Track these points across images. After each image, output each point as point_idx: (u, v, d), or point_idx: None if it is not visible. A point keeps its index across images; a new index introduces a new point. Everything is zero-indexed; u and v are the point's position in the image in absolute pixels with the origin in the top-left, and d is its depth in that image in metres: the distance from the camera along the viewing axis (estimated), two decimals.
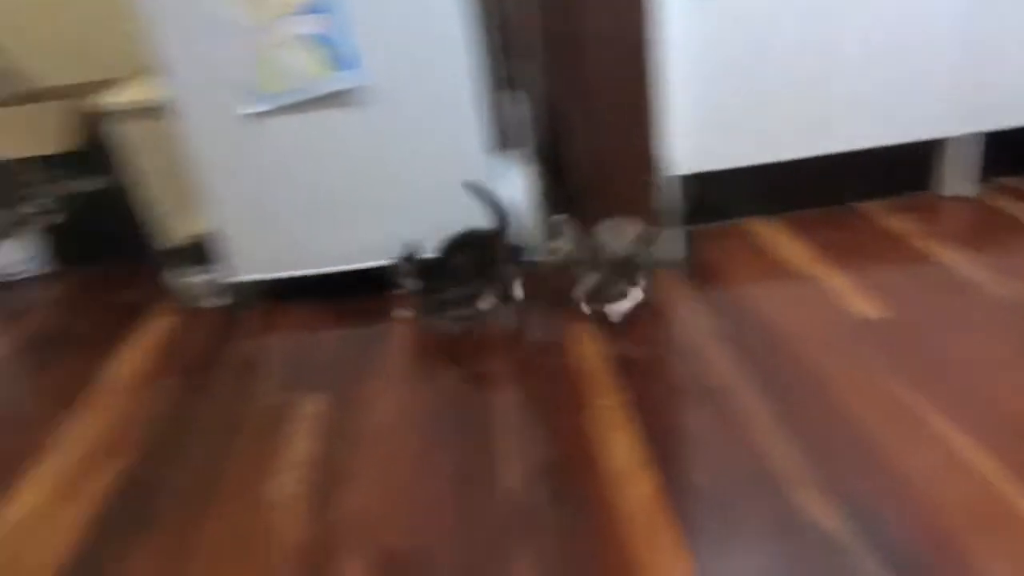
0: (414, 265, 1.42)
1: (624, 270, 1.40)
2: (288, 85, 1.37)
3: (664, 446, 1.09)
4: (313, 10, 1.32)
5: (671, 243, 1.59)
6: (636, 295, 1.41)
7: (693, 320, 1.40)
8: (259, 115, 1.41)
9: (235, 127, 1.44)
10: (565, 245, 1.43)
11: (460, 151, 1.48)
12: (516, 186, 1.59)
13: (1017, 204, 1.67)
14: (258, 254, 1.58)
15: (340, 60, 1.37)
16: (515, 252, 1.51)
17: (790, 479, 1.00)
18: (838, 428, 1.08)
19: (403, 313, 1.51)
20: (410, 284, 1.42)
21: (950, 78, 1.58)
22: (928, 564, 0.86)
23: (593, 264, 1.41)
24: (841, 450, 1.04)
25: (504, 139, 1.62)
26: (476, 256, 1.43)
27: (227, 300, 1.67)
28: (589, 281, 1.42)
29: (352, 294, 1.62)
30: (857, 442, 1.04)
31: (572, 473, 1.06)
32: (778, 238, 1.65)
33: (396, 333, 1.48)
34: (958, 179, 1.74)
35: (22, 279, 1.97)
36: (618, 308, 1.41)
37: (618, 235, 1.41)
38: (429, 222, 1.49)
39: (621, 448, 1.09)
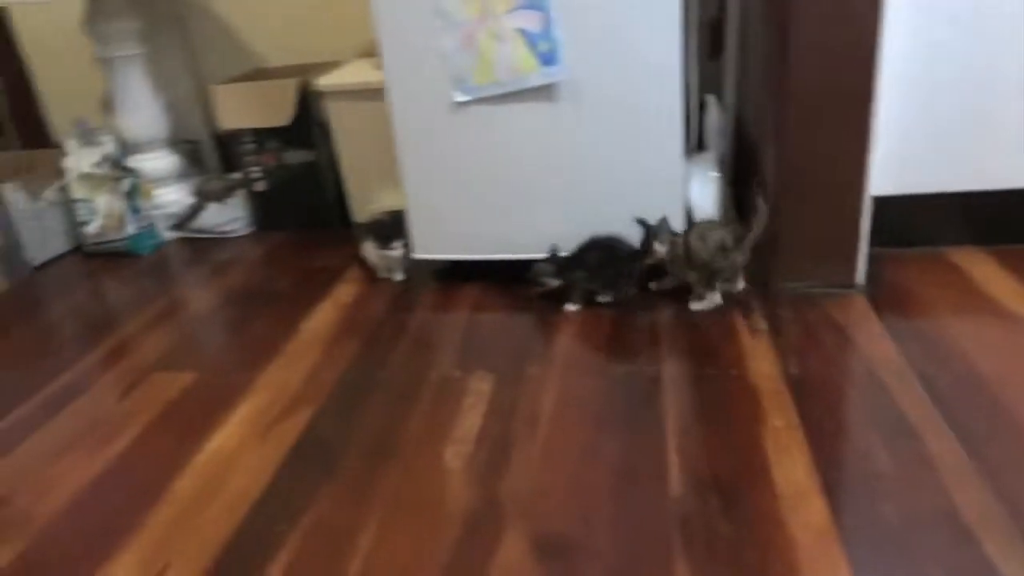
0: (555, 263, 1.54)
1: (705, 274, 1.48)
2: (498, 77, 1.44)
3: (841, 476, 1.04)
4: (529, 6, 1.37)
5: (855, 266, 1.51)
6: (714, 299, 1.50)
7: (878, 348, 1.33)
8: (465, 103, 1.49)
9: (441, 113, 1.52)
10: (660, 247, 1.48)
11: (656, 153, 1.49)
12: (703, 191, 1.57)
13: None
14: (443, 235, 1.66)
15: (547, 55, 1.41)
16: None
17: (982, 529, 0.93)
18: None
19: (572, 307, 1.54)
20: (549, 280, 1.55)
21: None
22: None
23: (686, 266, 1.49)
24: None
25: (695, 142, 1.60)
26: (608, 256, 1.53)
27: (409, 275, 1.78)
28: (670, 282, 1.55)
29: (521, 283, 1.67)
30: None
31: (742, 489, 1.04)
32: (984, 271, 1.52)
33: (563, 322, 1.52)
34: None
35: (229, 238, 2.19)
36: (695, 307, 1.51)
37: (705, 239, 1.46)
38: (612, 220, 1.51)
39: (796, 471, 1.06)
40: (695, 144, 1.61)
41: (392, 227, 1.71)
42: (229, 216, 2.21)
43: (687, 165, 1.55)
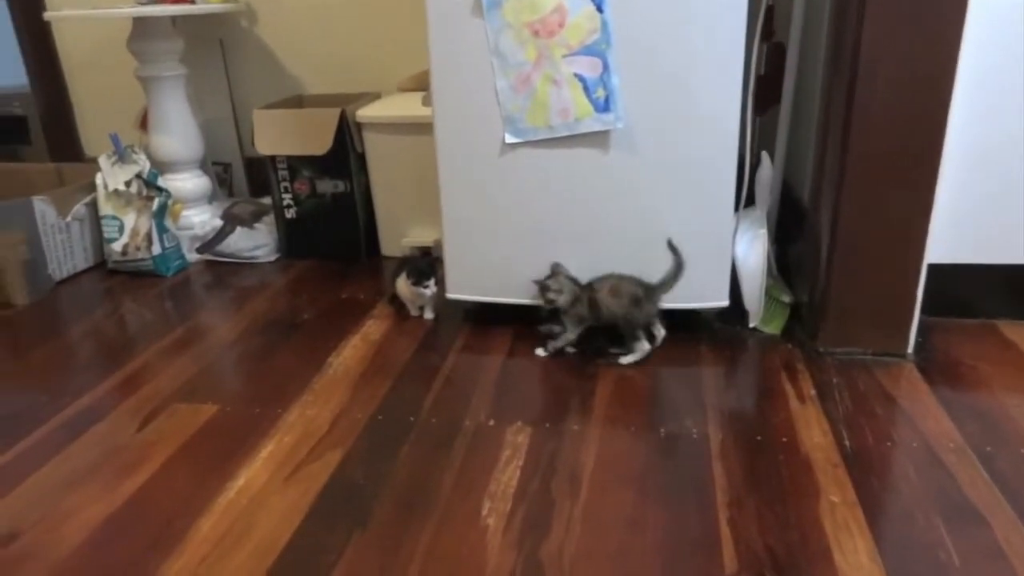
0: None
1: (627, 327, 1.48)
2: (551, 121, 1.41)
3: (905, 563, 0.98)
4: (588, 52, 1.35)
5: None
6: (643, 348, 1.49)
7: (934, 422, 1.27)
8: (514, 145, 1.46)
9: (488, 153, 1.49)
10: (559, 296, 1.50)
11: (706, 207, 1.46)
12: (750, 247, 1.53)
13: None
14: (479, 276, 1.62)
15: (602, 102, 1.39)
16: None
17: None
18: None
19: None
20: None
21: None
22: None
23: (588, 319, 1.50)
24: None
25: (745, 197, 1.57)
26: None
27: (440, 313, 1.73)
28: (563, 340, 1.54)
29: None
30: None
31: (802, 570, 0.98)
32: None
33: (602, 373, 1.46)
34: None
35: (255, 264, 2.15)
36: (626, 360, 1.50)
37: (618, 294, 1.47)
38: (653, 271, 1.47)
39: (858, 555, 1.00)
40: (744, 199, 1.58)
41: (427, 264, 1.67)
42: (256, 242, 2.17)
43: (737, 220, 1.51)
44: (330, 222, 2.11)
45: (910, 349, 1.47)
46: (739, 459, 1.20)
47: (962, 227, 1.47)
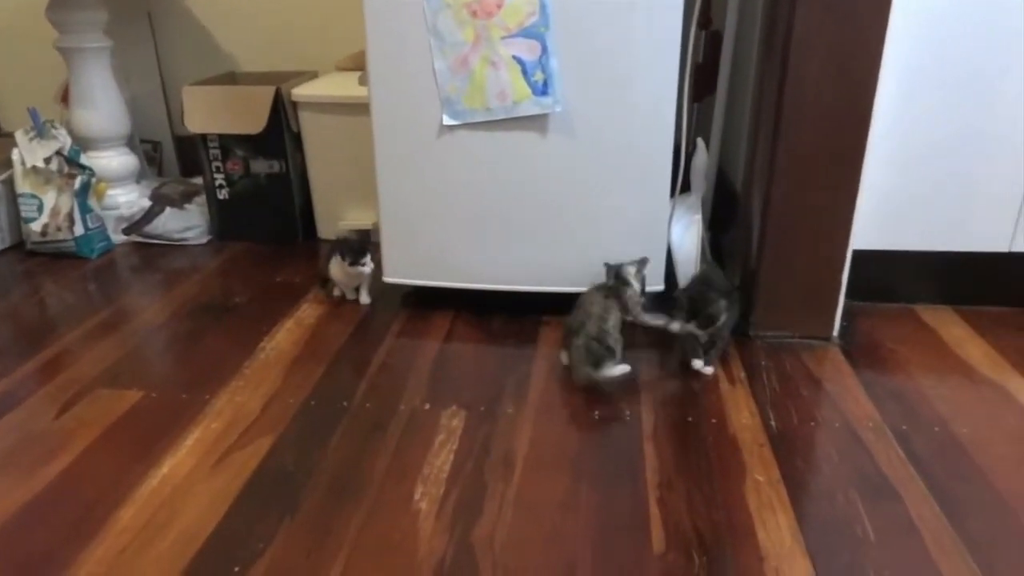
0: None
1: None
2: (489, 103, 1.40)
3: (825, 538, 1.02)
4: (526, 34, 1.34)
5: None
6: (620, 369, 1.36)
7: (855, 403, 1.32)
8: (452, 127, 1.44)
9: (426, 134, 1.47)
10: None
11: (643, 193, 1.47)
12: (685, 233, 1.55)
13: None
14: (416, 260, 1.60)
15: (541, 85, 1.38)
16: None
17: None
18: (1021, 557, 0.98)
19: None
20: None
21: None
22: None
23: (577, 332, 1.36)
24: None
25: (681, 183, 1.59)
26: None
27: (376, 297, 1.71)
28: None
29: (495, 314, 1.63)
30: None
31: (727, 548, 1.00)
32: (956, 333, 1.54)
33: (537, 359, 1.47)
34: None
35: (185, 246, 2.08)
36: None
37: (589, 311, 1.37)
38: (593, 257, 1.48)
39: (780, 531, 1.03)
40: (680, 185, 1.60)
41: (362, 243, 1.64)
42: (187, 223, 2.10)
43: (671, 206, 1.53)
44: (264, 203, 2.06)
45: (835, 333, 1.52)
46: (670, 440, 1.23)
47: (885, 215, 1.51)
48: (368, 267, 1.63)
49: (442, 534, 1.03)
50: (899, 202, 1.51)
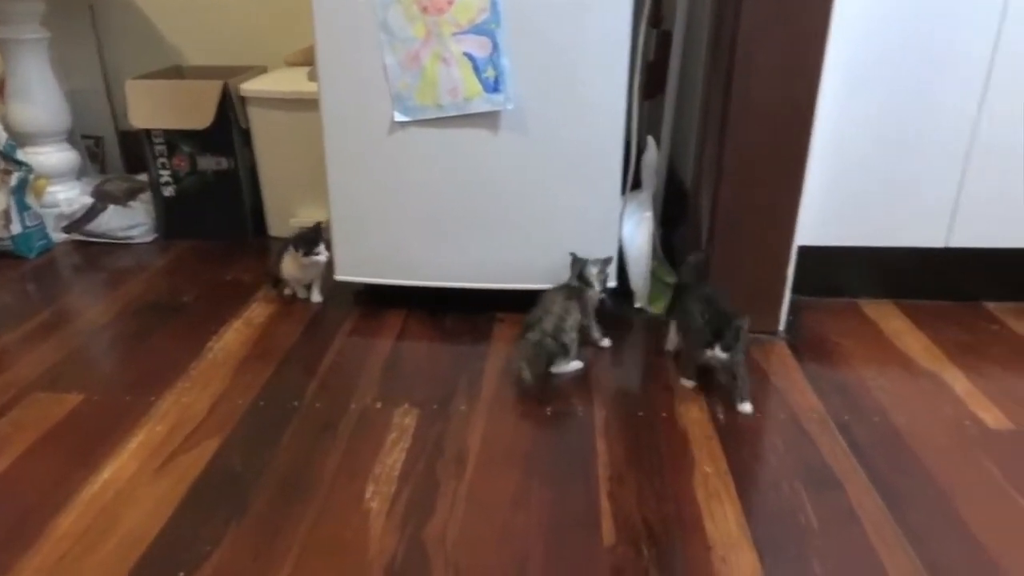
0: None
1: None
2: (440, 100, 1.39)
3: (770, 528, 1.04)
4: (477, 31, 1.34)
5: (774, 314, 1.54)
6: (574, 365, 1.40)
7: (800, 396, 1.35)
8: (403, 123, 1.43)
9: (377, 131, 1.46)
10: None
11: (594, 189, 1.48)
12: (636, 230, 1.57)
13: None
14: (368, 257, 1.59)
15: (492, 82, 1.38)
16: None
17: None
18: (958, 544, 1.01)
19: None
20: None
21: None
22: None
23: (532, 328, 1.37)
24: (961, 569, 0.97)
25: (631, 180, 1.61)
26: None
27: (328, 295, 1.69)
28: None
29: (449, 312, 1.62)
30: (980, 566, 0.98)
31: (675, 539, 1.02)
32: (896, 325, 1.59)
33: (490, 357, 1.47)
34: None
35: (129, 244, 2.03)
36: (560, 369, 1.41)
37: (548, 308, 1.39)
38: (545, 253, 1.49)
39: (727, 522, 1.05)
40: (631, 182, 1.61)
41: (312, 232, 1.62)
42: (131, 221, 2.04)
43: (623, 203, 1.55)
44: (212, 201, 2.01)
45: (782, 327, 1.56)
46: (621, 435, 1.24)
47: (829, 213, 1.55)
48: (323, 256, 1.61)
49: (393, 532, 1.02)
50: (842, 200, 1.55)
